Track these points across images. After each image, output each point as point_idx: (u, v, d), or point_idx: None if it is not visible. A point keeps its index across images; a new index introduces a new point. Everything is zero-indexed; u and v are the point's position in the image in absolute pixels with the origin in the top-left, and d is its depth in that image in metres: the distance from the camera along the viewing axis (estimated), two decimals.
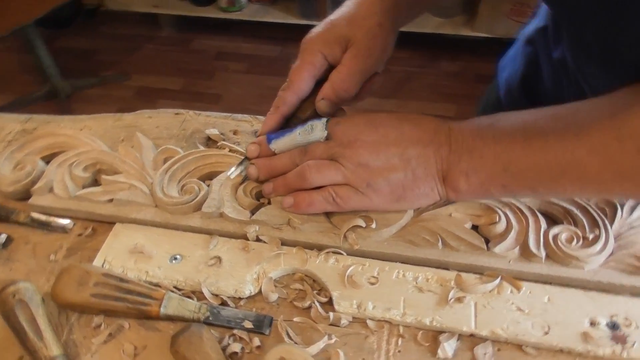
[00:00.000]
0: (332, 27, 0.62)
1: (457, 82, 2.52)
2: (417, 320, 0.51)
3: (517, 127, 0.51)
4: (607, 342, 0.49)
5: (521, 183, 0.51)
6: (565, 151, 0.47)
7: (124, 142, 0.70)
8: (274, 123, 0.62)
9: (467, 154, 0.53)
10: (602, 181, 0.47)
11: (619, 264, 0.54)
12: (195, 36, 2.92)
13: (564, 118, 0.49)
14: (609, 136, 0.45)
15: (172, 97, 2.54)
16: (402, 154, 0.55)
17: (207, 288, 0.54)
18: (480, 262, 0.55)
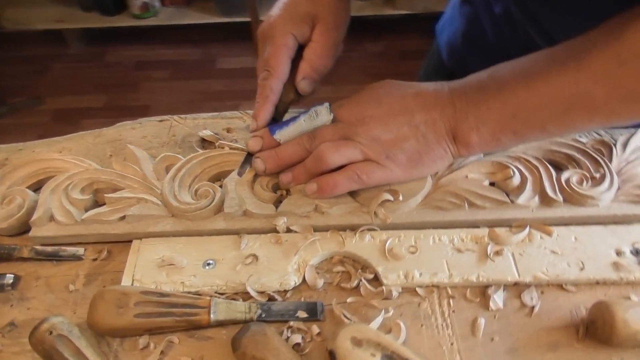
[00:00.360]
0: (295, 6, 0.62)
1: (383, 62, 2.58)
2: (464, 279, 0.53)
3: (517, 73, 0.53)
4: (635, 267, 0.53)
5: (531, 125, 0.53)
6: (570, 85, 0.49)
7: (112, 157, 0.67)
8: (268, 114, 0.61)
9: (473, 109, 0.54)
10: (609, 107, 0.49)
11: (627, 197, 0.58)
12: (107, 48, 2.80)
13: (560, 55, 0.51)
14: (609, 63, 0.47)
15: (95, 115, 2.42)
16: (409, 121, 0.56)
17: (251, 287, 0.53)
18: (506, 215, 0.57)
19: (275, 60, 0.60)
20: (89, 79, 2.62)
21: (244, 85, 2.50)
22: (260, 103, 0.61)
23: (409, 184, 0.58)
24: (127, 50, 2.74)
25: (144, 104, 2.44)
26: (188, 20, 2.59)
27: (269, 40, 0.61)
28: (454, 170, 0.60)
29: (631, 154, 0.63)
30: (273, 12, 0.63)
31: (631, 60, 0.46)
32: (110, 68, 2.69)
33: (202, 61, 2.64)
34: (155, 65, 2.65)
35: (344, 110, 0.59)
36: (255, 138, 0.60)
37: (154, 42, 2.75)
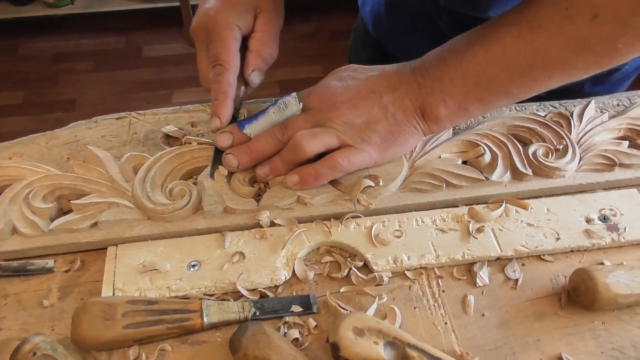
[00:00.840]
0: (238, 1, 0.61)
1: (314, 43, 2.57)
2: (450, 258, 0.54)
3: (473, 42, 0.55)
4: (605, 233, 0.56)
5: (495, 91, 0.55)
6: (526, 45, 0.51)
7: (70, 160, 0.63)
8: (229, 110, 0.60)
9: (437, 83, 0.56)
10: (566, 60, 0.51)
11: (589, 166, 0.62)
12: (20, 41, 2.61)
13: (512, 19, 0.53)
14: (559, 18, 0.49)
15: (15, 113, 2.27)
16: (378, 103, 0.57)
17: (242, 285, 0.51)
18: (482, 192, 0.59)
19: (226, 54, 0.59)
20: (2, 74, 2.44)
21: (175, 73, 2.42)
22: (220, 100, 0.59)
23: (387, 169, 0.59)
24: (43, 42, 2.58)
25: (68, 97, 2.31)
26: (108, 8, 2.47)
27: (214, 34, 0.60)
28: (427, 152, 0.61)
29: (587, 124, 0.66)
30: (210, 4, 0.61)
31: (578, 12, 0.48)
32: (24, 62, 2.51)
33: (127, 50, 2.53)
34: (75, 57, 2.50)
35: (313, 98, 0.59)
36: (224, 134, 0.59)
37: (72, 32, 2.59)
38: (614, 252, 0.56)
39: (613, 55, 0.50)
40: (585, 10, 0.48)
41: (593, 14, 0.47)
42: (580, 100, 0.72)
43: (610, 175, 0.61)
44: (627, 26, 0.47)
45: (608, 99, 0.72)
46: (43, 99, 2.33)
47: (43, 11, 2.46)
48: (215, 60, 0.59)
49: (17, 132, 2.21)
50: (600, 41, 0.49)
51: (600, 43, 0.49)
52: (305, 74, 2.40)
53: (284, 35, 2.10)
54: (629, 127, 0.65)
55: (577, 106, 0.69)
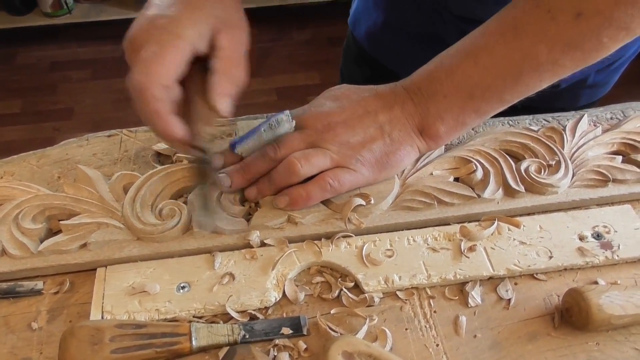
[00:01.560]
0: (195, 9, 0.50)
1: (311, 49, 2.57)
2: (442, 278, 0.53)
3: (461, 56, 0.55)
4: (598, 251, 0.56)
5: (489, 100, 0.55)
6: (514, 52, 0.52)
7: (61, 179, 0.63)
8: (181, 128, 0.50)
9: (431, 100, 0.56)
10: (554, 61, 0.51)
11: (582, 182, 0.61)
12: (18, 50, 2.62)
13: (496, 28, 0.53)
14: (542, 21, 0.50)
15: (13, 122, 2.27)
16: (374, 122, 0.56)
17: (231, 307, 0.51)
18: (474, 210, 0.58)
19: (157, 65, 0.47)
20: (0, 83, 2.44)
21: None
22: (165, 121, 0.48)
23: (378, 187, 0.58)
24: (41, 51, 2.58)
25: (66, 106, 2.31)
26: (105, 17, 2.47)
27: (157, 44, 0.47)
28: (419, 169, 0.61)
29: (580, 139, 0.66)
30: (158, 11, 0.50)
31: (561, 13, 0.49)
32: (22, 70, 2.52)
33: (125, 58, 2.52)
34: (73, 65, 2.51)
35: (308, 118, 0.58)
36: (219, 155, 0.58)
37: (69, 41, 2.60)
38: (608, 270, 0.55)
39: (599, 49, 0.50)
40: (568, 9, 0.48)
41: (576, 12, 0.48)
42: (573, 113, 0.71)
43: (603, 192, 0.60)
44: (610, 19, 0.47)
45: (602, 112, 0.71)
46: (40, 107, 2.33)
47: (41, 21, 2.46)
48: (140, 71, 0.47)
49: (14, 141, 2.23)
50: (585, 38, 0.49)
51: (585, 40, 0.49)
52: (303, 81, 2.40)
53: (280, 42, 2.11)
54: (622, 142, 0.65)
55: (570, 120, 0.68)
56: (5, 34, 2.53)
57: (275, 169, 0.56)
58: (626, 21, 0.48)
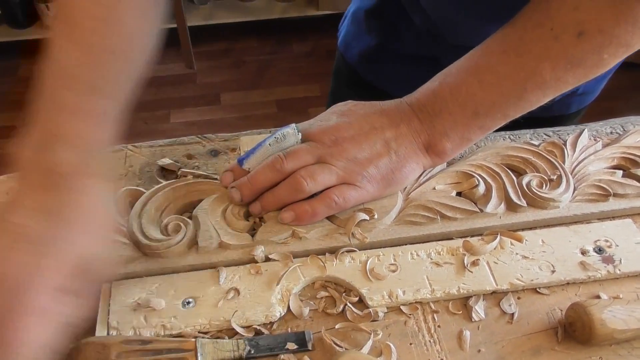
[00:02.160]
0: None
1: (311, 61, 2.59)
2: (446, 292, 0.54)
3: (464, 74, 0.56)
4: (600, 265, 0.56)
5: (494, 117, 0.56)
6: (518, 71, 0.53)
7: None
8: None
9: (437, 117, 0.57)
10: (558, 78, 0.53)
11: (583, 196, 0.62)
12: (20, 63, 2.63)
13: (499, 46, 0.54)
14: (546, 40, 0.51)
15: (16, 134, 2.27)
16: (381, 139, 0.57)
17: (236, 322, 0.51)
18: (477, 224, 0.59)
19: None
20: (2, 95, 2.45)
21: (173, 94, 2.43)
22: None
23: (382, 202, 0.59)
24: None
25: None
26: None
27: None
28: (421, 184, 0.61)
29: (580, 153, 0.66)
30: None
31: (564, 32, 0.50)
32: (25, 83, 2.51)
33: None
34: None
35: (316, 131, 0.58)
36: (228, 172, 0.59)
37: None
38: (610, 284, 0.56)
39: (600, 65, 0.52)
40: (570, 29, 0.50)
41: (579, 31, 0.49)
42: (574, 127, 0.72)
43: (604, 206, 0.61)
44: (611, 37, 0.49)
45: (601, 127, 0.72)
46: None
47: (43, 34, 2.47)
48: None
49: None
50: (587, 55, 0.51)
51: (587, 57, 0.51)
52: (303, 93, 2.41)
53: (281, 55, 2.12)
54: (622, 156, 0.66)
55: (570, 134, 0.69)
56: (8, 47, 2.54)
57: (281, 185, 0.56)
58: (626, 38, 0.50)
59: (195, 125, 2.29)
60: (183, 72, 2.52)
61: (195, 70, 2.55)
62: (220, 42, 2.69)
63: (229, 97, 2.42)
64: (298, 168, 0.56)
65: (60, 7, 0.48)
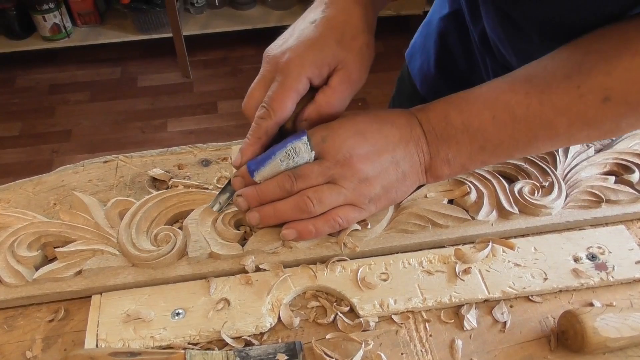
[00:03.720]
0: (321, 46, 0.56)
1: None
2: (437, 301, 0.53)
3: (481, 105, 0.54)
4: (593, 272, 0.56)
5: (498, 155, 0.56)
6: (535, 118, 0.51)
7: (57, 206, 0.63)
8: (254, 154, 0.57)
9: (444, 144, 0.55)
10: (570, 134, 0.52)
11: (575, 203, 0.61)
12: (17, 73, 2.63)
13: (522, 87, 0.52)
14: (571, 95, 0.50)
15: (12, 144, 2.28)
16: (392, 157, 0.55)
17: (226, 333, 0.51)
18: (469, 232, 0.59)
19: (279, 104, 0.55)
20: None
21: (169, 103, 2.43)
22: (251, 142, 0.57)
23: None
24: (40, 74, 2.60)
25: (64, 128, 2.32)
26: (103, 40, 2.49)
27: (280, 76, 0.55)
28: (413, 192, 0.61)
29: (573, 159, 0.66)
30: (292, 42, 0.57)
31: (590, 93, 0.49)
32: (21, 93, 2.53)
33: (123, 80, 2.55)
34: (71, 88, 2.52)
35: (330, 148, 0.54)
36: (239, 177, 0.58)
37: (68, 64, 2.61)
38: (603, 292, 0.56)
39: (615, 132, 0.52)
40: (597, 91, 0.48)
41: (605, 96, 0.48)
42: None
43: (597, 212, 0.61)
44: (634, 110, 0.49)
45: None
46: (39, 130, 2.34)
47: (40, 45, 2.48)
48: (267, 103, 0.55)
49: (13, 163, 2.23)
50: (606, 121, 0.50)
51: (606, 123, 0.50)
52: None
53: None
54: (615, 162, 0.65)
55: None
56: (5, 58, 2.54)
57: (286, 202, 0.55)
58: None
59: (193, 134, 2.29)
60: (180, 81, 2.53)
61: (191, 79, 2.55)
62: (217, 50, 2.69)
63: (226, 105, 2.42)
64: (307, 188, 0.55)
65: None
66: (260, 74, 0.58)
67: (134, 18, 2.43)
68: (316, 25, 0.57)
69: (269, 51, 0.58)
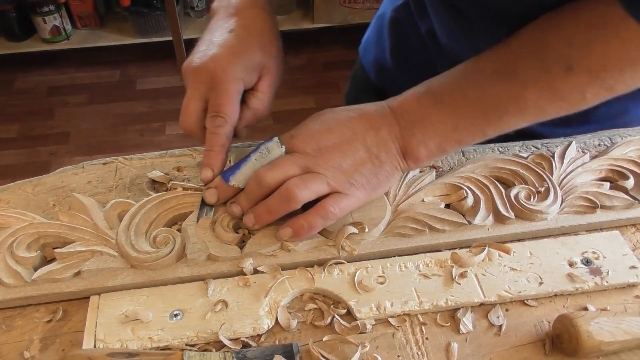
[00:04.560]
0: (247, 52, 0.60)
1: (307, 74, 2.60)
2: (434, 304, 0.54)
3: (452, 87, 0.57)
4: (588, 277, 0.56)
5: (472, 133, 0.58)
6: (504, 93, 0.54)
7: (56, 207, 0.63)
8: (222, 163, 0.60)
9: (418, 125, 0.57)
10: (539, 107, 0.54)
11: (571, 208, 0.62)
12: (17, 75, 2.64)
13: (490, 67, 0.55)
14: (536, 68, 0.52)
15: (10, 146, 2.28)
16: (363, 145, 0.58)
17: (224, 335, 0.51)
18: (465, 236, 0.59)
19: (229, 108, 0.59)
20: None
21: (168, 106, 2.44)
22: (217, 151, 0.59)
23: (370, 214, 0.59)
24: (39, 76, 2.60)
25: (62, 130, 2.32)
26: (103, 42, 2.49)
27: (219, 84, 0.59)
28: (410, 195, 0.62)
29: (568, 165, 0.67)
30: (217, 51, 0.60)
31: (554, 64, 0.51)
32: (20, 95, 2.53)
33: (122, 83, 2.55)
34: (69, 90, 2.52)
35: (298, 142, 0.58)
36: (210, 190, 0.59)
37: (67, 66, 2.62)
38: (597, 296, 0.56)
39: (581, 103, 0.54)
40: (560, 61, 0.51)
41: (567, 66, 0.50)
42: (562, 140, 0.72)
43: (592, 218, 0.61)
44: (596, 79, 0.51)
45: (590, 139, 0.73)
46: (37, 132, 2.34)
47: (39, 47, 2.48)
48: (217, 112, 0.59)
49: (11, 165, 2.23)
50: (571, 91, 0.52)
51: (571, 93, 0.53)
52: (299, 105, 2.42)
53: None
54: (610, 168, 0.66)
55: (558, 147, 0.69)
56: (4, 60, 2.54)
57: (272, 197, 0.56)
58: (610, 83, 0.51)
59: (191, 137, 2.29)
60: (179, 84, 2.53)
61: None
62: None
63: None
64: (283, 179, 0.56)
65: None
66: (191, 88, 0.60)
67: (134, 21, 2.44)
68: (237, 34, 0.61)
69: (191, 65, 0.60)
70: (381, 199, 0.61)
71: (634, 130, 0.73)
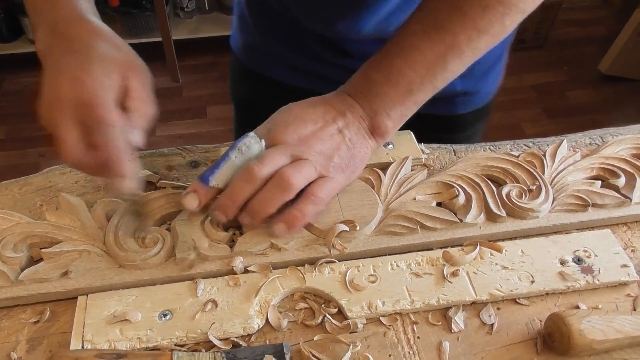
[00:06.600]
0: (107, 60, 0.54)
1: None
2: (425, 303, 0.53)
3: (392, 58, 0.61)
4: (579, 275, 0.56)
5: (425, 91, 0.61)
6: (439, 45, 0.59)
7: (43, 207, 0.63)
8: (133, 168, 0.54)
9: (376, 101, 0.61)
10: (473, 47, 0.59)
11: (562, 206, 0.62)
12: (5, 77, 2.62)
13: (416, 29, 0.60)
14: (458, 16, 0.58)
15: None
16: (335, 130, 0.60)
17: (213, 335, 0.51)
18: (457, 234, 0.59)
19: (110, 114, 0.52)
20: None
21: (159, 107, 2.42)
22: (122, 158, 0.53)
23: (362, 212, 0.59)
24: (27, 77, 2.58)
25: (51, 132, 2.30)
26: None
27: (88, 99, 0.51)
28: (402, 194, 0.61)
29: (560, 164, 0.67)
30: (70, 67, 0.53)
31: (471, 7, 0.57)
32: (7, 97, 2.51)
33: None
34: None
35: (279, 134, 0.58)
36: (190, 195, 0.56)
37: None
38: (589, 295, 0.56)
39: (503, 31, 0.60)
40: (476, 4, 0.57)
41: (483, 5, 0.57)
42: (553, 138, 0.73)
43: (583, 216, 0.61)
44: (509, 6, 0.57)
45: (581, 138, 0.73)
46: (26, 133, 2.32)
47: (28, 48, 2.47)
48: (99, 123, 0.51)
49: (0, 167, 2.20)
50: (493, 24, 0.58)
51: (493, 25, 0.58)
52: None
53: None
54: (601, 167, 0.66)
55: (550, 145, 0.69)
56: None
57: (266, 187, 0.55)
58: (521, 6, 0.58)
59: (182, 139, 2.28)
60: (169, 86, 2.52)
61: (180, 84, 2.55)
62: (206, 55, 2.69)
63: (215, 110, 2.42)
64: (274, 171, 0.55)
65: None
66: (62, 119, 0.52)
67: (123, 22, 2.42)
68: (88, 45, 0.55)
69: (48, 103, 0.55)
70: (372, 197, 0.60)
71: (624, 129, 0.73)
